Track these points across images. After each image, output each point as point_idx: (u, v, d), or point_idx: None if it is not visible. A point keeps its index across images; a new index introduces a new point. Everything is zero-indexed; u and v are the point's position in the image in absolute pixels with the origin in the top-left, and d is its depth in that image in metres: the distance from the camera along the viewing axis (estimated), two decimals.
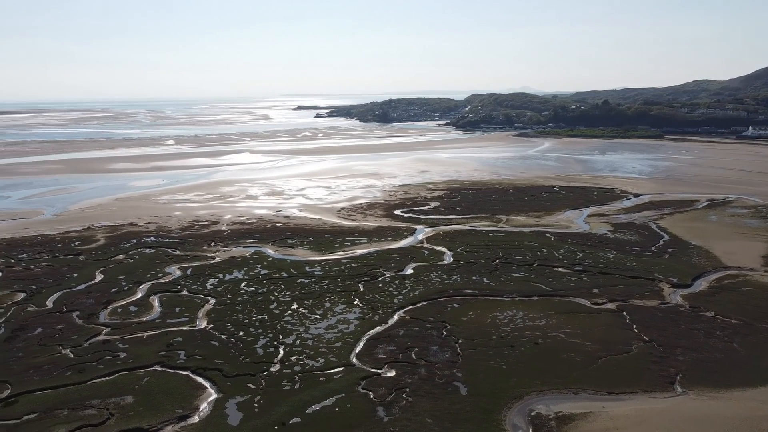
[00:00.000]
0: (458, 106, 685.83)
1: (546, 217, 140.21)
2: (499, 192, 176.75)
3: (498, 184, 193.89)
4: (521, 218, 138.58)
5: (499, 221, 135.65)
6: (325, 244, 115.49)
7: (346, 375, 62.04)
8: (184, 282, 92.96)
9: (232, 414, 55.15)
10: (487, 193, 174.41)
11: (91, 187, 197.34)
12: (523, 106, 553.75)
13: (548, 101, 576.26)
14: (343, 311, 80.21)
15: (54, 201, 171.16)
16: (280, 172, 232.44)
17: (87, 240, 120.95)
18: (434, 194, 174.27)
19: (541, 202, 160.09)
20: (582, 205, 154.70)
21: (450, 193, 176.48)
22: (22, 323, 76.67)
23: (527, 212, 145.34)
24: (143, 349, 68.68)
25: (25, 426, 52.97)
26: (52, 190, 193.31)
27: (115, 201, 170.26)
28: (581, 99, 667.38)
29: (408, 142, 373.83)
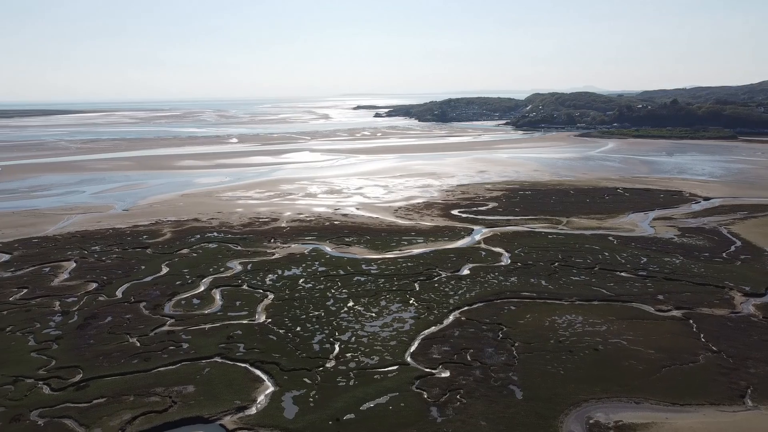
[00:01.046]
0: (519, 106, 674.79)
1: (608, 219, 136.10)
2: (560, 193, 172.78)
3: (558, 185, 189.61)
4: (582, 220, 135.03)
5: (559, 223, 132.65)
6: (382, 243, 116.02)
7: (401, 374, 62.14)
8: (245, 277, 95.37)
9: (288, 407, 56.21)
10: (547, 194, 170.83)
11: (158, 184, 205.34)
12: (587, 106, 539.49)
13: (613, 101, 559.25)
14: (398, 310, 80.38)
15: (124, 196, 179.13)
16: (338, 171, 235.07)
17: (154, 234, 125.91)
18: (492, 194, 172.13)
19: (604, 204, 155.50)
20: (647, 208, 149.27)
21: (509, 193, 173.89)
22: (94, 312, 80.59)
23: (589, 214, 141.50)
24: (205, 340, 70.91)
25: (94, 409, 55.66)
26: (123, 185, 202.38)
27: (181, 197, 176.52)
28: (648, 98, 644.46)
29: (466, 142, 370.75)
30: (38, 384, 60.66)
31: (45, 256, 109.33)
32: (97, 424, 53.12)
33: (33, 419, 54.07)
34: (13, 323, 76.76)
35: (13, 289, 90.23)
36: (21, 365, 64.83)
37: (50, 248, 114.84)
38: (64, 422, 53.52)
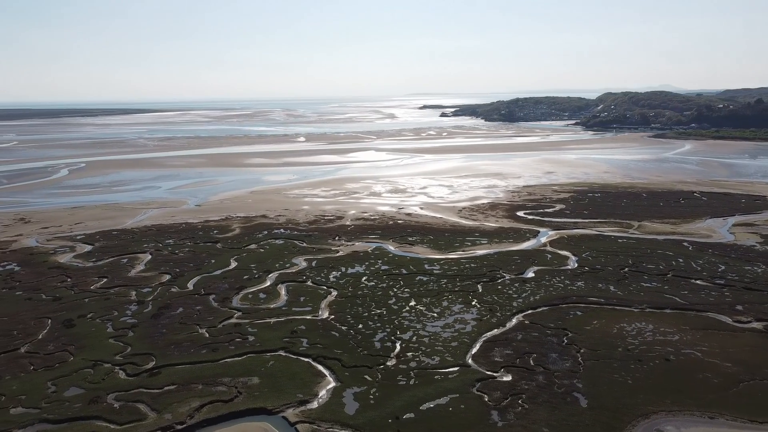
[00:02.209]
0: (589, 106, 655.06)
1: (683, 224, 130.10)
2: (631, 196, 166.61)
3: (630, 187, 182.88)
4: (655, 225, 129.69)
5: (629, 227, 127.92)
6: (445, 243, 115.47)
7: (461, 375, 61.69)
8: (309, 273, 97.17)
9: (348, 403, 56.89)
10: (618, 197, 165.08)
11: (229, 180, 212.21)
12: (662, 106, 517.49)
13: (691, 100, 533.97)
14: (460, 311, 79.80)
15: (197, 192, 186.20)
16: (403, 170, 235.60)
17: (224, 229, 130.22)
18: (560, 196, 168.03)
19: (679, 208, 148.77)
20: (726, 213, 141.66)
21: (577, 195, 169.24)
22: (167, 302, 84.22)
23: (662, 219, 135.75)
24: (270, 334, 72.75)
25: (165, 396, 58.17)
26: (196, 182, 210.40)
27: (250, 194, 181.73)
28: (730, 98, 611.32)
29: (534, 142, 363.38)
30: (115, 369, 64.00)
31: (123, 247, 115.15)
32: (168, 410, 55.51)
33: (110, 402, 57.08)
34: (93, 310, 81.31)
35: (95, 278, 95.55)
36: (100, 350, 68.58)
37: (128, 240, 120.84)
38: (138, 406, 56.22)
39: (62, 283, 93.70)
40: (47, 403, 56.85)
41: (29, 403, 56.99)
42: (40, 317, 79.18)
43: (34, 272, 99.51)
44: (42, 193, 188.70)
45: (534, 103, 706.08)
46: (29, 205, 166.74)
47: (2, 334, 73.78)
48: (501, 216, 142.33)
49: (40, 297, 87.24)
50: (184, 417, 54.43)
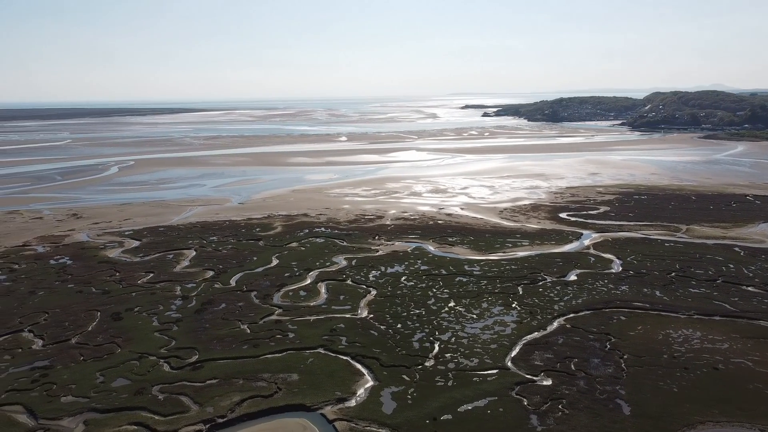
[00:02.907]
0: (636, 105, 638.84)
1: (735, 229, 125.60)
2: (679, 199, 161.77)
3: (678, 190, 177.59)
4: (704, 229, 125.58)
5: (677, 230, 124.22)
6: (486, 244, 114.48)
7: (500, 378, 61.07)
8: (349, 272, 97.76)
9: (386, 402, 57.02)
10: (665, 200, 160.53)
11: (271, 179, 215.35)
12: (713, 106, 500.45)
13: (744, 100, 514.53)
14: (500, 313, 79.01)
15: (240, 190, 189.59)
16: (444, 170, 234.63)
17: (266, 227, 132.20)
18: (604, 198, 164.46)
19: (730, 212, 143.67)
20: None
21: (622, 197, 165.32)
22: (210, 298, 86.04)
23: (712, 222, 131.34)
24: (309, 331, 73.52)
25: (207, 389, 59.46)
26: (239, 180, 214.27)
27: (292, 192, 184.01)
28: None
29: (578, 143, 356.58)
30: (160, 362, 65.74)
31: (169, 243, 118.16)
32: (210, 403, 56.72)
33: (154, 393, 58.68)
34: (140, 304, 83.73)
35: (141, 273, 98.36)
36: (146, 343, 70.57)
37: (174, 237, 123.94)
38: (181, 399, 57.62)
39: (111, 277, 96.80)
40: (95, 393, 58.83)
41: (79, 392, 59.10)
42: (90, 310, 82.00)
43: (85, 266, 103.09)
44: (93, 190, 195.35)
45: (579, 103, 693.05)
46: (81, 202, 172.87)
47: (55, 325, 76.73)
48: (543, 217, 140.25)
49: (91, 290, 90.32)
50: (225, 411, 55.52)
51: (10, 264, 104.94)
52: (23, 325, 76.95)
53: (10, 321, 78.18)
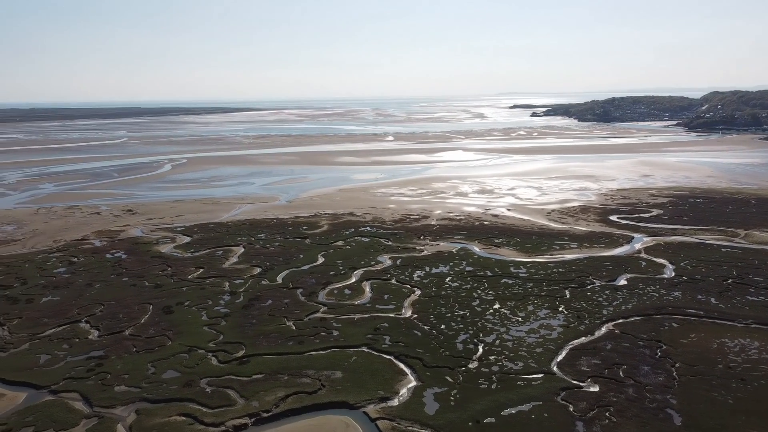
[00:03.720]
0: (693, 105, 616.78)
1: None
2: (738, 202, 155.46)
3: (737, 193, 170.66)
4: (764, 234, 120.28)
5: (735, 236, 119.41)
6: (532, 246, 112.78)
7: (545, 383, 60.09)
8: (394, 271, 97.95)
9: (429, 403, 56.89)
10: (722, 203, 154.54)
11: (318, 178, 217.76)
12: None
13: None
14: (546, 316, 77.71)
15: (288, 189, 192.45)
16: (491, 171, 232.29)
17: (313, 225, 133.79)
18: (657, 201, 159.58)
19: None
20: None
21: (676, 200, 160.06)
22: (257, 294, 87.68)
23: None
24: (353, 330, 74.04)
25: (253, 384, 60.64)
26: (287, 179, 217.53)
27: (338, 191, 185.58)
28: None
29: (630, 144, 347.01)
30: (208, 355, 67.43)
31: (219, 240, 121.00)
32: (255, 397, 57.82)
33: (202, 386, 60.23)
34: (190, 299, 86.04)
35: (192, 268, 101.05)
36: (195, 337, 72.50)
37: (223, 234, 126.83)
38: (228, 392, 58.95)
39: (163, 271, 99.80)
40: (147, 384, 60.82)
41: (131, 382, 61.21)
42: (143, 303, 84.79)
43: (138, 260, 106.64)
44: (147, 187, 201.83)
45: (631, 103, 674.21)
46: (136, 198, 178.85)
47: (110, 316, 79.69)
48: (592, 220, 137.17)
49: (144, 284, 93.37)
50: (270, 405, 56.50)
51: (70, 257, 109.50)
52: (81, 316, 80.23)
53: (68, 312, 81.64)
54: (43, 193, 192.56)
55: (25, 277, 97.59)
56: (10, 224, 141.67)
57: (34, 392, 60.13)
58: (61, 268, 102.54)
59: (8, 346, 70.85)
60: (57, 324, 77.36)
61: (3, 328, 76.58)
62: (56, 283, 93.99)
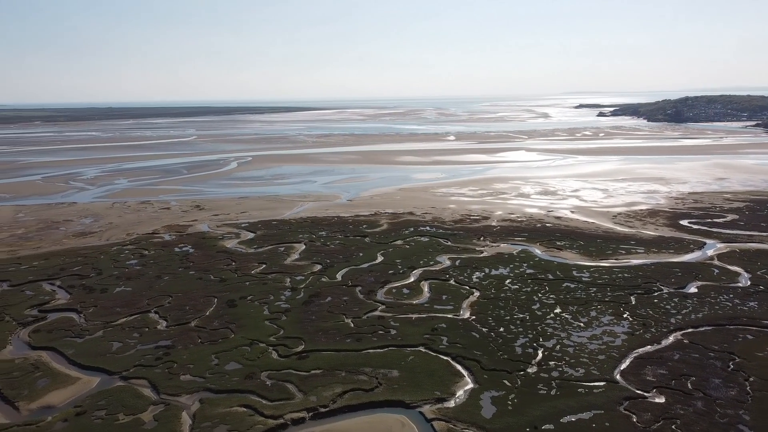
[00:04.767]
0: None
1: None
2: None
3: None
4: None
5: None
6: (597, 250, 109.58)
7: (608, 391, 58.31)
8: (453, 272, 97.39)
9: (486, 406, 56.29)
10: None
11: (379, 177, 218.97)
12: None
13: None
14: (609, 323, 75.37)
15: (349, 187, 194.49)
16: (554, 172, 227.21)
17: (372, 224, 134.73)
18: (732, 205, 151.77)
19: None
20: None
21: (753, 205, 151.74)
22: (317, 291, 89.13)
23: None
24: (411, 329, 74.12)
25: (311, 379, 61.72)
26: (348, 177, 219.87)
27: (399, 191, 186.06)
28: None
29: (704, 145, 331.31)
30: (269, 349, 69.08)
31: (281, 237, 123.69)
32: (313, 392, 58.83)
33: (263, 379, 61.78)
34: (253, 293, 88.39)
35: (255, 264, 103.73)
36: (256, 330, 74.43)
37: (285, 230, 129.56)
38: (287, 386, 60.23)
39: (228, 266, 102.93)
40: (210, 374, 62.93)
41: (196, 372, 63.49)
42: (208, 296, 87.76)
43: (205, 255, 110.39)
44: (214, 183, 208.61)
45: (706, 102, 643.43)
46: (204, 194, 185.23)
47: (177, 308, 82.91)
48: (661, 224, 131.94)
49: (209, 277, 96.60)
50: (328, 401, 57.35)
51: (141, 250, 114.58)
52: (150, 306, 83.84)
53: (139, 302, 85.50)
54: (118, 188, 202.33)
55: (101, 267, 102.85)
56: (88, 217, 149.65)
57: (106, 377, 63.34)
58: (133, 260, 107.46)
59: (84, 333, 74.92)
60: (128, 313, 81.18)
61: (80, 316, 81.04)
62: (128, 275, 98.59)
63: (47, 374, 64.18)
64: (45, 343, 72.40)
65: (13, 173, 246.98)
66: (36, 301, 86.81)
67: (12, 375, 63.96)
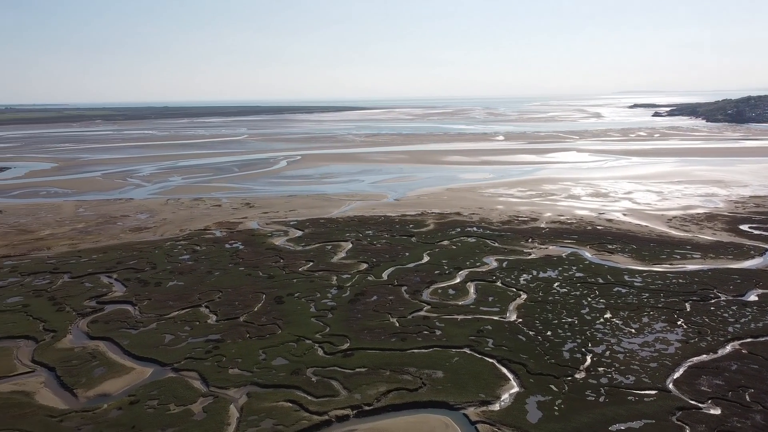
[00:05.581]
0: None
1: None
2: None
3: None
4: None
5: None
6: (650, 254, 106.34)
7: (659, 400, 56.52)
8: (499, 274, 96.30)
9: (531, 411, 55.44)
10: None
11: (427, 177, 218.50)
12: None
13: None
14: (662, 330, 73.03)
15: (396, 187, 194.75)
16: (606, 173, 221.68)
17: (419, 224, 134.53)
18: None
19: None
20: None
21: None
22: (363, 290, 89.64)
23: None
24: (456, 330, 73.69)
25: (356, 377, 62.12)
26: (396, 177, 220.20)
27: (446, 191, 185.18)
28: None
29: (767, 147, 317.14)
30: (314, 346, 69.91)
31: (328, 235, 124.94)
32: (358, 390, 59.20)
33: (308, 375, 62.58)
34: (300, 290, 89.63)
35: (302, 261, 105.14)
36: (303, 327, 75.45)
37: (333, 229, 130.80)
38: (332, 383, 60.82)
39: (276, 263, 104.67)
40: (258, 369, 64.15)
41: (244, 366, 64.85)
42: (257, 292, 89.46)
43: (254, 251, 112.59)
44: (264, 182, 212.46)
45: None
46: (254, 192, 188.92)
47: (227, 303, 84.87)
48: (719, 229, 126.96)
49: (258, 274, 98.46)
50: (372, 399, 57.62)
51: (194, 245, 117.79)
52: (201, 301, 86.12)
53: (191, 296, 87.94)
54: (172, 185, 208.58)
55: (155, 262, 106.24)
56: (144, 213, 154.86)
57: (159, 368, 65.42)
58: (185, 256, 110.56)
59: (139, 325, 77.59)
60: (181, 307, 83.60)
61: (135, 308, 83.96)
62: (181, 269, 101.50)
63: (103, 363, 66.79)
64: (102, 333, 75.37)
65: (75, 170, 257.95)
66: (94, 293, 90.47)
67: (71, 363, 66.85)
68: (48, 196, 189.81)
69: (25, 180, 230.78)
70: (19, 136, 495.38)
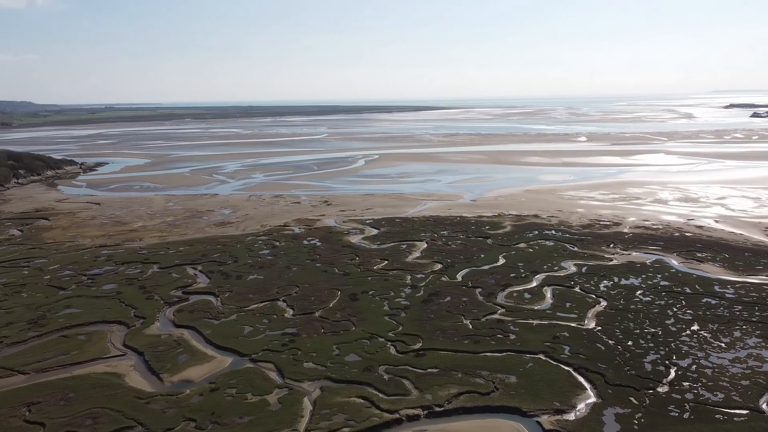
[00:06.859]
0: None
1: None
2: None
3: None
4: None
5: None
6: (744, 264, 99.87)
7: (751, 421, 52.99)
8: (578, 279, 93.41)
9: (609, 423, 53.42)
10: None
11: (504, 178, 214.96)
12: None
13: None
14: (756, 345, 68.42)
15: (473, 187, 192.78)
16: (697, 177, 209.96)
17: (495, 226, 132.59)
18: None
19: None
20: None
21: None
22: (437, 290, 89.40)
23: None
24: (531, 335, 72.12)
25: (427, 377, 62.05)
26: (473, 177, 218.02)
27: (524, 192, 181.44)
28: None
29: None
30: (387, 344, 70.41)
31: (403, 234, 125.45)
32: (429, 391, 59.13)
33: (380, 373, 63.12)
34: (374, 288, 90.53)
35: (377, 260, 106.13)
36: (376, 325, 76.18)
37: (408, 228, 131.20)
38: (404, 382, 61.05)
39: (352, 260, 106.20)
40: (331, 364, 65.38)
41: (318, 360, 66.28)
42: (332, 288, 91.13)
43: (330, 248, 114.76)
44: (342, 180, 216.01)
45: None
46: (332, 190, 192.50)
47: (303, 298, 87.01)
48: None
49: (334, 271, 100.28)
50: (443, 401, 57.39)
51: (273, 241, 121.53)
52: (279, 295, 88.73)
53: (270, 290, 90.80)
54: (255, 182, 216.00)
55: (237, 256, 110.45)
56: (227, 208, 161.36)
57: (238, 358, 68.00)
58: (265, 250, 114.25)
59: (220, 316, 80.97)
60: (260, 300, 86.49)
61: (217, 300, 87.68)
62: (261, 264, 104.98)
63: (187, 351, 70.17)
64: (187, 322, 79.23)
65: (166, 165, 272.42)
66: (180, 284, 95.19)
67: (158, 349, 70.67)
68: (141, 190, 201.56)
69: (120, 175, 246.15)
70: (117, 134, 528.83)
